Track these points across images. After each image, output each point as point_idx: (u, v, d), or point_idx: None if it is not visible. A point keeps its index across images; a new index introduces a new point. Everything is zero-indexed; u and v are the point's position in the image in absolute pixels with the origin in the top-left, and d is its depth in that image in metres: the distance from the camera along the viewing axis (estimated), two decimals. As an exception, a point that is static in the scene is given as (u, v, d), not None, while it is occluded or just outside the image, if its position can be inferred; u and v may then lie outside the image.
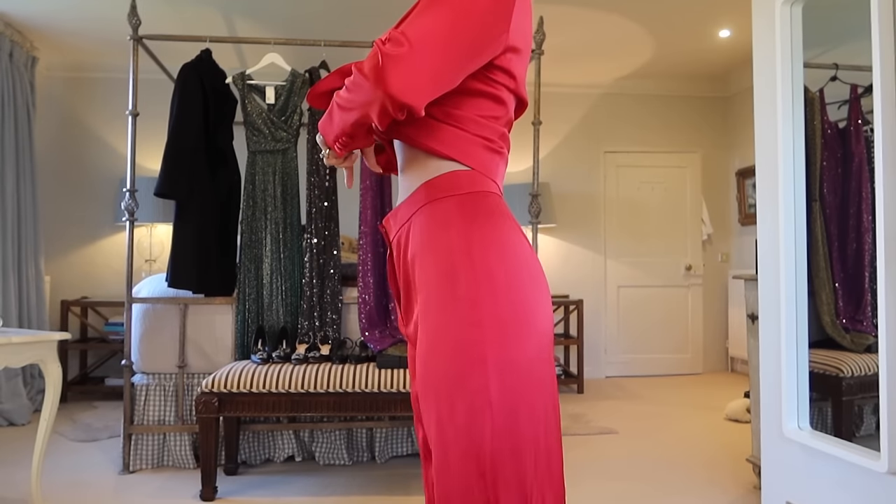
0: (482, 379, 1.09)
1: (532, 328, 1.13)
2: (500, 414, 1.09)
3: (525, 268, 1.16)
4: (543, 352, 1.15)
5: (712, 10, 4.27)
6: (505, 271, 1.13)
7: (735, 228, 5.90)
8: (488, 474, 1.08)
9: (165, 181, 3.13)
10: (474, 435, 1.08)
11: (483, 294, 1.11)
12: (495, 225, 1.16)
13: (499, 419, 1.09)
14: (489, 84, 1.19)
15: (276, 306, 3.20)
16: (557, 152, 5.75)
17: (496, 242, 1.15)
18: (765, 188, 2.34)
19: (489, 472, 1.08)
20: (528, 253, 1.18)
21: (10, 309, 4.10)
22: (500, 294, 1.12)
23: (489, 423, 1.08)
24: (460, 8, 1.09)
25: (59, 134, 5.13)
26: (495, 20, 1.13)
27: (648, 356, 5.80)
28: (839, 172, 2.37)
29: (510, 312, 1.12)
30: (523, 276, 1.15)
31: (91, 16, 4.25)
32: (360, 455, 3.25)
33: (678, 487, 2.93)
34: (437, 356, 1.13)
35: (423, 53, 1.05)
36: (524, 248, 1.18)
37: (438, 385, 1.12)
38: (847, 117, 2.36)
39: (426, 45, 1.06)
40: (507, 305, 1.12)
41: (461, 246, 1.15)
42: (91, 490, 2.84)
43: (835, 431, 2.22)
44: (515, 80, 1.23)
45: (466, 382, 1.09)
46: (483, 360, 1.09)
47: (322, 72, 3.35)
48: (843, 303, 2.35)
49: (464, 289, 1.12)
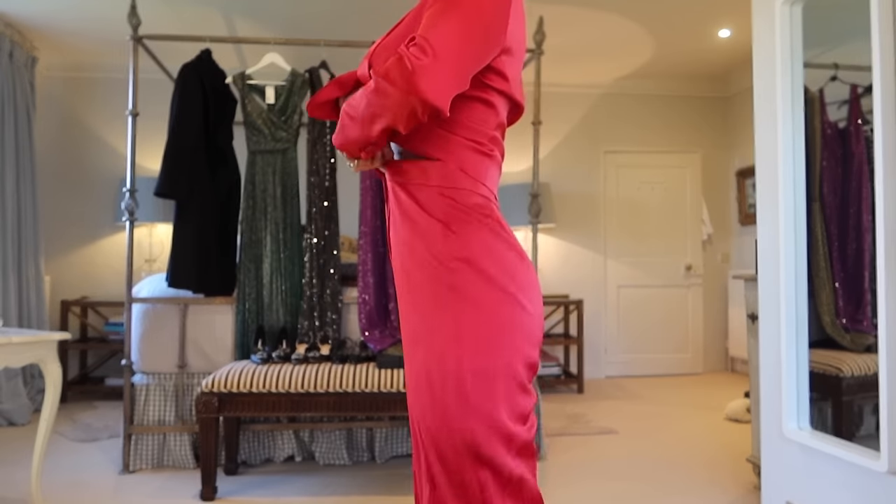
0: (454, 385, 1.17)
1: (503, 347, 1.18)
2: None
3: (508, 278, 1.20)
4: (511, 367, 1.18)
5: (712, 10, 4.27)
6: (483, 284, 1.18)
7: (735, 228, 5.90)
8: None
9: (165, 181, 3.13)
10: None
11: (461, 309, 1.18)
12: (481, 232, 1.20)
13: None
14: (480, 87, 1.22)
15: (276, 306, 3.20)
16: (557, 152, 5.75)
17: (479, 252, 1.19)
18: (765, 188, 2.34)
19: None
20: (511, 262, 1.21)
21: (10, 309, 4.10)
22: (479, 312, 1.17)
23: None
24: (472, 13, 1.14)
25: (59, 134, 5.13)
26: (498, 23, 1.17)
27: (648, 356, 5.80)
28: (839, 172, 2.37)
29: (486, 329, 1.17)
30: (501, 289, 1.19)
31: (91, 16, 4.25)
32: (360, 455, 3.24)
33: (678, 487, 2.93)
34: (416, 365, 1.23)
35: (448, 60, 1.11)
36: (507, 257, 1.21)
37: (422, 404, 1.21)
38: (847, 117, 2.36)
39: (449, 52, 1.11)
40: (483, 321, 1.17)
41: (445, 255, 1.19)
42: (91, 490, 2.84)
43: (835, 431, 2.22)
44: (508, 82, 1.24)
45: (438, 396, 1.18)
46: (458, 372, 1.17)
47: (322, 72, 3.35)
48: (843, 303, 2.35)
49: (444, 301, 1.18)
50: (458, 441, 1.16)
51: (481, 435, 1.16)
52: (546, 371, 5.05)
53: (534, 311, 1.23)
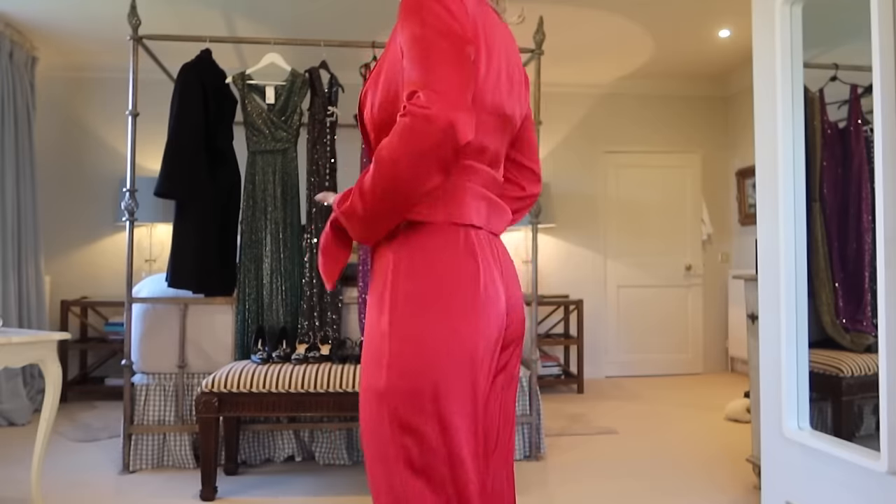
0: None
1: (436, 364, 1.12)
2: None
3: (448, 298, 1.13)
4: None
5: (712, 10, 4.27)
6: (420, 306, 1.12)
7: (735, 228, 5.90)
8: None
9: (165, 181, 3.13)
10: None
11: (396, 325, 1.12)
12: (426, 249, 1.15)
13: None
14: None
15: (276, 306, 3.20)
16: (557, 152, 5.75)
17: (419, 270, 1.14)
18: (765, 188, 2.34)
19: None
20: (455, 283, 1.14)
21: (10, 309, 4.10)
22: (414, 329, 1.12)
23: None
24: (438, 38, 1.09)
25: (59, 134, 5.13)
26: (462, 27, 1.12)
27: (648, 356, 5.80)
28: (839, 172, 2.37)
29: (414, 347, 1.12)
30: (435, 314, 1.12)
31: (91, 16, 4.25)
32: (360, 455, 3.24)
33: (678, 487, 2.93)
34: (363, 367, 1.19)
35: (450, 91, 1.06)
36: (452, 276, 1.14)
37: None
38: (847, 117, 2.36)
39: (447, 82, 1.06)
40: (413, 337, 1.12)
41: (392, 270, 1.15)
42: (91, 490, 2.84)
43: (835, 431, 2.22)
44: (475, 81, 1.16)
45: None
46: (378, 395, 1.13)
47: (322, 72, 3.35)
48: (843, 303, 2.35)
49: (385, 315, 1.14)
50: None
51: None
52: (546, 371, 5.05)
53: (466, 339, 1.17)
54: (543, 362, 5.03)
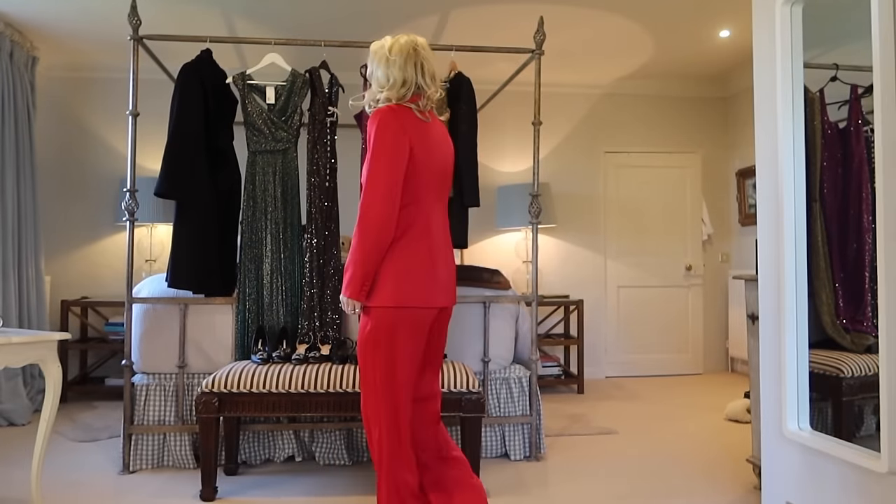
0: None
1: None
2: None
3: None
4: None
5: (712, 11, 4.27)
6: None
7: (735, 228, 5.90)
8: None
9: (165, 181, 3.13)
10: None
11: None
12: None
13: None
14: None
15: (276, 306, 3.20)
16: (557, 152, 5.75)
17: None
18: (765, 188, 2.34)
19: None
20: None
21: (10, 309, 4.10)
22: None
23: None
24: (383, 152, 2.10)
25: (59, 134, 5.13)
26: (402, 144, 2.10)
27: (648, 356, 5.80)
28: (839, 172, 2.37)
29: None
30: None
31: (91, 16, 4.25)
32: (360, 455, 3.24)
33: (678, 487, 2.93)
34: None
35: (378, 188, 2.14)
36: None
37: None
38: (847, 117, 2.36)
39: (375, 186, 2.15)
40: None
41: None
42: (91, 490, 2.84)
43: (835, 432, 2.22)
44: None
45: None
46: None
47: (322, 72, 3.35)
48: (843, 303, 2.35)
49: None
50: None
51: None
52: (546, 371, 5.05)
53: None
54: (543, 362, 5.03)
